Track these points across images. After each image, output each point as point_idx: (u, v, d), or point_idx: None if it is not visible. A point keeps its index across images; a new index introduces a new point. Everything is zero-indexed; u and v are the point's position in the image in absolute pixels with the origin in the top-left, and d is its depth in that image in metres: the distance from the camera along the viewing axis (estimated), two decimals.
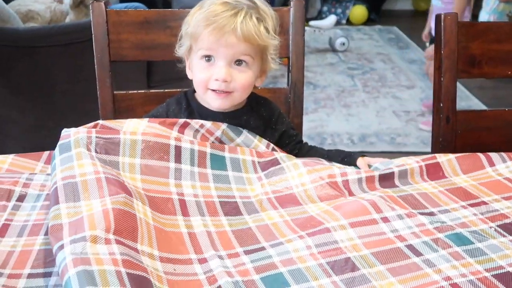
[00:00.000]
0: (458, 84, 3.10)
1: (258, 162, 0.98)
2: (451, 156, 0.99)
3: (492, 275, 0.69)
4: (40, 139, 2.48)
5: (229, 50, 0.98)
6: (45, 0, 3.21)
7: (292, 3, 1.28)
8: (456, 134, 1.18)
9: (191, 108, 1.08)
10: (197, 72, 1.02)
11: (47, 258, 0.75)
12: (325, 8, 5.78)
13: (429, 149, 1.27)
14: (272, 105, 1.14)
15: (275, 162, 0.98)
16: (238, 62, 1.00)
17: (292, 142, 1.13)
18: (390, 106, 3.46)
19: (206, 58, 1.00)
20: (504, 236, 0.79)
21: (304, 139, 1.16)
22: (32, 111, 2.43)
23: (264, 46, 1.01)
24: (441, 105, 1.16)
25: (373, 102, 3.54)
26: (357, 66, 4.28)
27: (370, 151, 2.85)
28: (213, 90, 1.00)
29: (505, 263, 0.72)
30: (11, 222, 0.83)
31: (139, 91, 1.27)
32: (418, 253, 0.74)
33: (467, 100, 3.58)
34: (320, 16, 5.64)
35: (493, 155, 1.00)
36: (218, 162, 0.94)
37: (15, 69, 2.33)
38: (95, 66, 1.23)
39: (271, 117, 1.12)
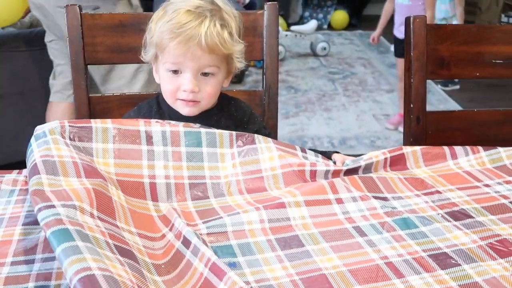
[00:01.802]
0: (436, 87, 3.15)
1: (236, 136, 1.00)
2: (417, 148, 1.02)
3: (428, 255, 0.74)
4: (18, 143, 2.47)
5: (195, 62, 0.99)
6: None
7: (266, 6, 1.29)
8: (426, 134, 1.20)
9: (162, 111, 1.09)
10: (165, 83, 1.04)
11: (28, 246, 0.77)
12: (306, 13, 5.83)
13: None
14: (243, 105, 1.16)
15: (252, 140, 1.00)
16: (205, 74, 1.02)
17: None
18: (370, 109, 3.50)
19: (173, 71, 1.01)
20: (448, 221, 0.83)
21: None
22: (11, 117, 2.42)
23: (230, 53, 1.03)
24: (411, 106, 1.19)
25: (353, 106, 3.57)
26: (338, 71, 4.32)
27: (350, 154, 2.87)
28: (182, 100, 1.02)
29: (443, 245, 0.76)
30: None
31: (114, 94, 1.28)
32: (363, 234, 0.79)
33: (445, 102, 3.63)
34: (301, 21, 5.69)
35: (458, 149, 1.03)
36: (193, 137, 0.96)
37: None
38: (70, 70, 1.23)
39: (242, 117, 1.14)
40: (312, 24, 4.80)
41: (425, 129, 1.20)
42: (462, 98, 3.69)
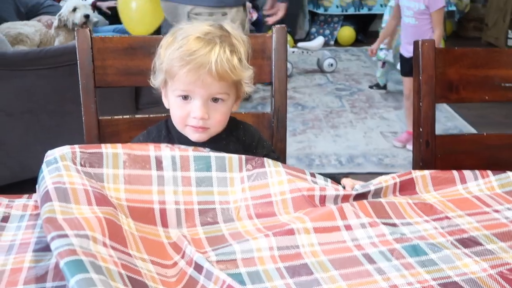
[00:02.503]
0: (443, 104, 3.12)
1: (246, 160, 0.99)
2: (426, 172, 1.02)
3: (438, 284, 0.73)
4: (26, 160, 2.49)
5: (205, 90, 1.00)
6: (35, 23, 3.24)
7: (274, 29, 1.30)
8: (435, 157, 1.20)
9: (171, 135, 1.10)
10: (174, 109, 1.04)
11: (38, 274, 0.77)
12: (313, 30, 5.85)
13: None
14: (252, 129, 1.16)
15: (261, 164, 0.99)
16: (215, 99, 1.02)
17: None
18: (378, 126, 3.49)
19: (183, 97, 1.02)
20: (458, 248, 0.82)
21: (292, 161, 1.18)
22: (19, 133, 2.44)
23: (239, 79, 1.03)
24: (421, 129, 1.19)
25: (360, 123, 3.57)
26: (345, 87, 4.33)
27: (357, 172, 2.87)
28: (192, 126, 1.03)
29: (453, 273, 0.76)
30: None
31: (124, 117, 1.29)
32: (372, 261, 0.79)
33: (452, 120, 3.62)
34: (308, 37, 5.71)
35: (467, 173, 1.04)
36: (202, 162, 0.97)
37: (3, 91, 2.35)
38: (80, 92, 1.24)
39: (251, 142, 1.14)
40: (319, 40, 4.81)
41: (434, 153, 1.20)
42: (470, 115, 3.67)
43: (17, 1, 3.41)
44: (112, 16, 4.11)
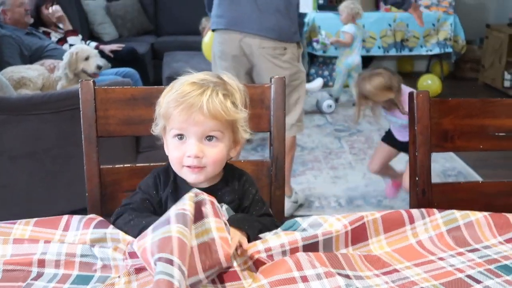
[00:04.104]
0: None
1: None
2: (378, 215, 1.03)
3: None
4: (30, 204, 2.50)
5: (198, 127, 1.03)
6: (38, 67, 3.29)
7: (273, 80, 1.34)
8: (432, 206, 1.21)
9: (177, 179, 1.11)
10: (171, 150, 1.07)
11: None
12: (312, 71, 5.93)
13: None
14: (249, 184, 1.17)
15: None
16: (209, 137, 1.05)
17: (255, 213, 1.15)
18: None
19: (178, 137, 1.05)
20: None
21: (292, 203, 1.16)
22: (23, 177, 2.46)
23: (233, 120, 1.06)
24: (417, 178, 1.21)
25: (359, 164, 3.59)
26: (344, 128, 4.36)
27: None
28: (188, 166, 1.05)
29: None
30: None
31: (125, 165, 1.31)
32: None
33: (451, 161, 3.64)
34: (307, 78, 5.77)
35: (414, 212, 1.06)
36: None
37: (7, 135, 2.38)
38: (83, 142, 1.27)
39: (246, 199, 1.15)
40: (318, 82, 4.88)
41: (431, 201, 1.21)
42: (469, 157, 3.69)
43: (21, 44, 3.47)
44: (115, 59, 4.18)
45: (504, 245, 1.02)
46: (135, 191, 1.14)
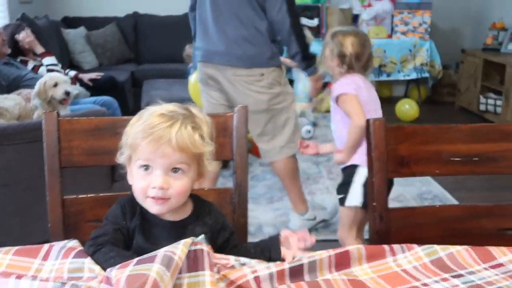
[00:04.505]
0: None
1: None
2: (361, 245, 1.05)
3: None
4: (4, 237, 2.48)
5: (165, 160, 1.04)
6: (15, 96, 3.30)
7: (236, 109, 1.37)
8: (390, 230, 1.24)
9: (144, 211, 1.11)
10: (136, 180, 1.08)
11: None
12: None
13: None
14: (217, 212, 1.19)
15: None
16: (175, 170, 1.06)
17: (227, 247, 1.17)
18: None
19: (144, 168, 1.06)
20: None
21: (270, 228, 1.18)
22: None
23: (200, 153, 1.08)
24: (374, 204, 1.23)
25: None
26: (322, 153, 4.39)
27: (333, 238, 2.89)
28: (152, 197, 1.06)
29: None
30: None
31: (88, 195, 1.32)
32: None
33: (428, 185, 3.68)
34: None
35: (395, 246, 1.07)
36: None
37: None
38: (45, 172, 1.28)
39: (216, 225, 1.16)
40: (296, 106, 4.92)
41: (389, 226, 1.24)
42: (445, 180, 3.73)
43: None
44: (94, 88, 4.20)
45: (489, 271, 1.02)
46: (104, 222, 1.13)
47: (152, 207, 1.07)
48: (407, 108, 5.27)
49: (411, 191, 3.57)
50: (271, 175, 3.85)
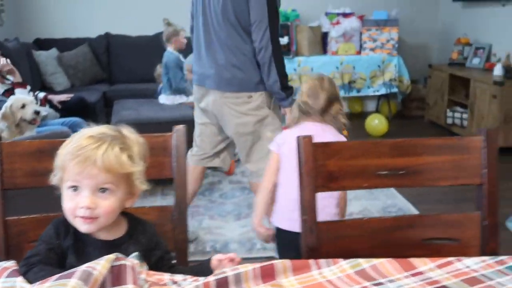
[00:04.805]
0: None
1: None
2: (286, 260, 1.09)
3: None
4: None
5: (92, 180, 1.09)
6: None
7: (174, 129, 1.42)
8: (321, 243, 1.29)
9: (77, 231, 1.14)
10: (65, 201, 1.12)
11: None
12: None
13: None
14: (150, 230, 1.23)
15: None
16: (102, 189, 1.10)
17: (164, 267, 1.20)
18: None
19: (73, 188, 1.11)
20: None
21: (235, 245, 1.21)
22: None
23: (128, 173, 1.12)
24: (305, 217, 1.29)
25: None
26: None
27: None
28: (81, 217, 1.10)
29: None
30: None
31: (30, 216, 1.35)
32: None
33: (392, 198, 3.76)
34: None
35: (322, 261, 1.12)
36: None
37: None
38: None
39: (149, 244, 1.20)
40: None
41: (319, 238, 1.29)
42: (410, 193, 3.81)
43: None
44: (63, 110, 4.23)
45: (408, 279, 1.07)
46: (38, 243, 1.16)
47: (81, 226, 1.11)
48: (377, 123, 5.37)
49: (375, 205, 3.64)
50: (240, 192, 3.90)
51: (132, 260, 1.03)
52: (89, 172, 1.08)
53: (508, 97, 4.62)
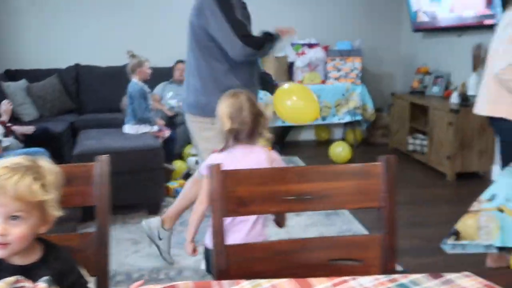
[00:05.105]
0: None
1: None
2: (189, 282, 1.17)
3: None
4: None
5: (3, 208, 1.16)
6: None
7: (97, 158, 1.49)
8: (230, 265, 1.36)
9: None
10: None
11: None
12: None
13: None
14: (64, 256, 1.28)
15: None
16: (13, 217, 1.17)
17: None
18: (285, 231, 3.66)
19: None
20: None
21: (189, 272, 1.23)
22: None
23: (40, 201, 1.19)
24: (215, 240, 1.37)
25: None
26: None
27: None
28: None
29: None
30: None
31: None
32: None
33: (348, 223, 3.84)
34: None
35: (224, 282, 1.18)
36: None
37: None
38: None
39: (62, 268, 1.26)
40: None
41: (228, 261, 1.37)
42: (366, 218, 3.89)
43: None
44: (25, 141, 4.28)
45: None
46: None
47: None
48: (340, 150, 5.49)
49: (331, 230, 3.72)
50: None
51: (37, 284, 1.09)
52: (0, 201, 1.15)
53: (464, 124, 4.77)
